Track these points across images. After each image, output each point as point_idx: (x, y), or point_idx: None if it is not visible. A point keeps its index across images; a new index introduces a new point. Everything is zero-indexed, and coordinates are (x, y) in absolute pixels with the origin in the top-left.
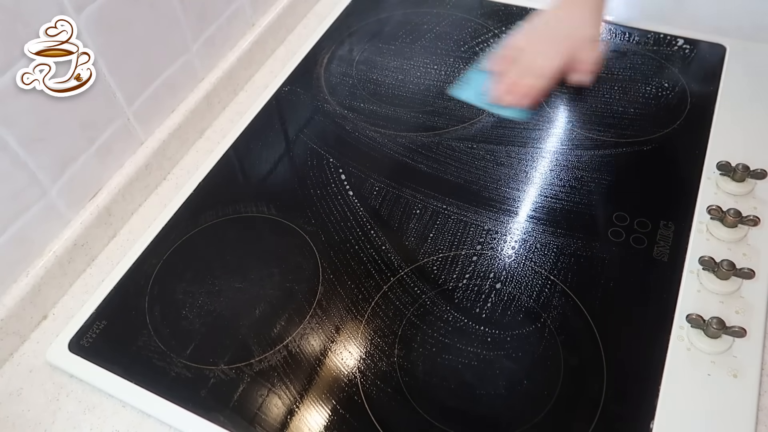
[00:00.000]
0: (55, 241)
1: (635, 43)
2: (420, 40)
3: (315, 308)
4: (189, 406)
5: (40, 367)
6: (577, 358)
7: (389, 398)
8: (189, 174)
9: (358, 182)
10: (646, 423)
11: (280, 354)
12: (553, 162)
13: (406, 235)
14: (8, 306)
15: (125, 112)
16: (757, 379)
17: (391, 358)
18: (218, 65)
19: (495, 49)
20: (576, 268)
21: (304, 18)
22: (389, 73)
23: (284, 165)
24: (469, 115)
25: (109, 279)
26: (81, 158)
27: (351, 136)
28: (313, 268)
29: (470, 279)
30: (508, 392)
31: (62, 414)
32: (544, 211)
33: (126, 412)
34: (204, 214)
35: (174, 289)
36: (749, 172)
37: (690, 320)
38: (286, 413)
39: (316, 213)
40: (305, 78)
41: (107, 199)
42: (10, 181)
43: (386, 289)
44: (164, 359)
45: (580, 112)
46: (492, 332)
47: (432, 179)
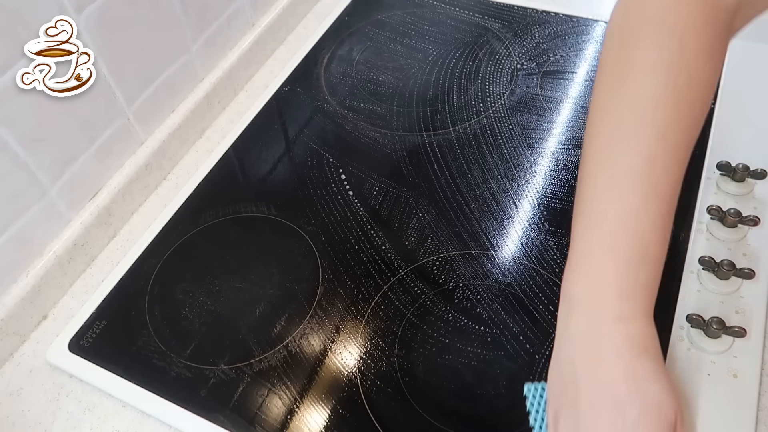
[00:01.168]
0: (55, 241)
1: None
2: (420, 40)
3: (315, 308)
4: (189, 406)
5: (40, 367)
6: None
7: (389, 398)
8: (189, 174)
9: (358, 182)
10: None
11: (280, 354)
12: (553, 162)
13: (406, 235)
14: (8, 306)
15: (125, 112)
16: (757, 379)
17: (391, 358)
18: (218, 65)
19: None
20: None
21: (304, 18)
22: (389, 73)
23: (284, 165)
24: (469, 115)
25: (109, 279)
26: (81, 158)
27: (351, 136)
28: (313, 268)
29: (470, 279)
30: (508, 392)
31: (62, 414)
32: (544, 210)
33: (126, 412)
34: (204, 214)
35: (174, 289)
36: (749, 172)
37: (690, 320)
38: (286, 413)
39: (316, 213)
40: (305, 78)
41: (107, 199)
42: (10, 181)
43: (386, 289)
44: (164, 359)
45: (580, 111)
46: (492, 332)
47: (432, 179)
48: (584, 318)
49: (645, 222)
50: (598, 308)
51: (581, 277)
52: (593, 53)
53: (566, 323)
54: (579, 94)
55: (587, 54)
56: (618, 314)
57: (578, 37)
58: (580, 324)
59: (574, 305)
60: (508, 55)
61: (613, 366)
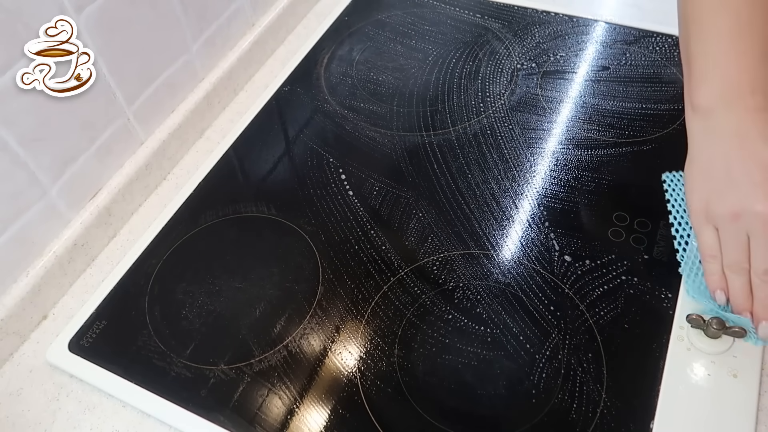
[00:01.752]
0: (55, 241)
1: (635, 43)
2: (420, 40)
3: (315, 308)
4: (189, 406)
5: (40, 367)
6: (577, 357)
7: (389, 398)
8: (189, 174)
9: (358, 182)
10: (646, 423)
11: (280, 354)
12: (553, 162)
13: (406, 235)
14: (8, 306)
15: (125, 112)
16: (757, 379)
17: (391, 358)
18: (218, 65)
19: (689, 246)
20: (576, 268)
21: (304, 18)
22: (389, 73)
23: (284, 165)
24: (469, 115)
25: (109, 279)
26: (81, 158)
27: (351, 136)
28: (313, 268)
29: (470, 279)
30: (508, 392)
31: (62, 414)
32: (544, 210)
33: (126, 412)
34: (204, 214)
35: (174, 289)
36: None
37: (690, 320)
38: (286, 413)
39: (316, 213)
40: (305, 78)
41: (107, 199)
42: (10, 181)
43: (386, 289)
44: (164, 359)
45: (580, 111)
46: (492, 332)
47: (432, 179)
48: (721, 117)
49: (759, 26)
50: (734, 104)
51: (713, 85)
52: (593, 53)
53: (704, 129)
54: (579, 94)
55: (587, 54)
56: (753, 106)
57: (578, 37)
58: (718, 122)
59: (710, 112)
60: (508, 55)
61: (762, 148)
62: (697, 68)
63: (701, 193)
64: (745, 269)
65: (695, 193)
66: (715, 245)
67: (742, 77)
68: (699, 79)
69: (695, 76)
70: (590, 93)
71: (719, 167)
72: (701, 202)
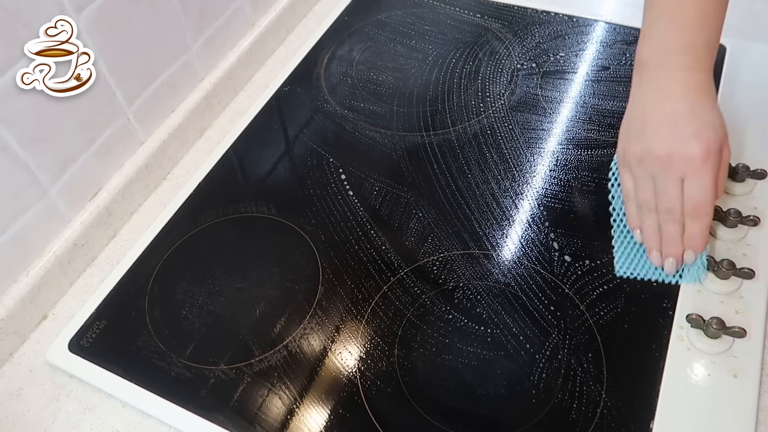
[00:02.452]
0: (55, 241)
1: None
2: (420, 40)
3: (315, 308)
4: (189, 406)
5: (40, 367)
6: (577, 357)
7: (389, 398)
8: (189, 174)
9: (358, 182)
10: (646, 423)
11: (280, 354)
12: (553, 162)
13: (406, 235)
14: (8, 306)
15: (125, 112)
16: (757, 379)
17: (391, 358)
18: (218, 65)
19: (614, 190)
20: (576, 268)
21: (304, 18)
22: (389, 73)
23: (284, 165)
24: (469, 115)
25: (109, 279)
26: (81, 158)
27: (351, 136)
28: (313, 268)
29: (470, 279)
30: (508, 392)
31: (62, 414)
32: (544, 210)
33: (126, 412)
34: (204, 214)
35: (174, 289)
36: (749, 172)
37: (690, 320)
38: (286, 413)
39: (316, 213)
40: (305, 78)
41: (107, 199)
42: (10, 181)
43: (386, 289)
44: (164, 359)
45: (580, 111)
46: (492, 332)
47: (432, 179)
48: (653, 72)
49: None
50: (666, 61)
51: (651, 41)
52: (593, 53)
53: (639, 82)
54: (579, 94)
55: (587, 54)
56: (682, 64)
57: (578, 37)
58: (650, 76)
59: (645, 67)
60: (508, 55)
61: (676, 101)
62: (644, 25)
63: (622, 141)
64: (652, 209)
65: (619, 143)
66: (632, 188)
67: (680, 36)
68: (643, 35)
69: (642, 32)
70: (590, 93)
71: (637, 117)
72: (621, 149)
